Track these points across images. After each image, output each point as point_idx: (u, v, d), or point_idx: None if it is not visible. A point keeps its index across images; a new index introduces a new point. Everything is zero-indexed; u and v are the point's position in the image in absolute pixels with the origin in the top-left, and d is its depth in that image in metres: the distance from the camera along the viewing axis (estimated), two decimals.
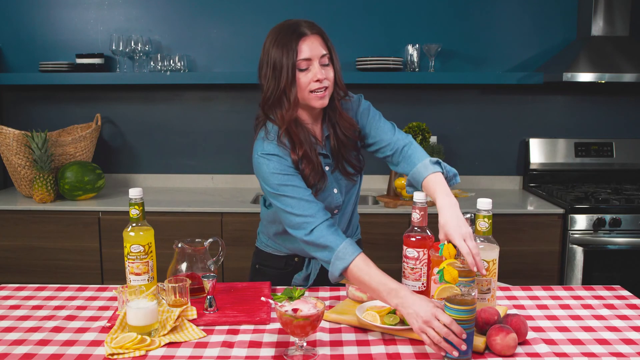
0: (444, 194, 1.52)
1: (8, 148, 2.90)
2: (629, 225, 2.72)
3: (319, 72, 1.55)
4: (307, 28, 1.56)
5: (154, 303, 1.37)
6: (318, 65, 1.55)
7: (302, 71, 1.55)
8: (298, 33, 1.55)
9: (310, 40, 1.55)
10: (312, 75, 1.55)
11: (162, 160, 3.36)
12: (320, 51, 1.56)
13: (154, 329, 1.37)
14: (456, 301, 1.24)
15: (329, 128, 1.68)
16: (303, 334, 1.28)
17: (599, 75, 2.84)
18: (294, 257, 1.80)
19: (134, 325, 1.36)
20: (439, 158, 1.83)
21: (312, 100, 1.58)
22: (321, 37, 1.58)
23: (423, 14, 3.21)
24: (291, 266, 1.80)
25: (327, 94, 1.59)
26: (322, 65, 1.57)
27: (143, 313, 1.35)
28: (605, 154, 3.25)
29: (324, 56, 1.56)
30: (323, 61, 1.57)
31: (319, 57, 1.55)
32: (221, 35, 3.25)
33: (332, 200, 1.70)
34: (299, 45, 1.54)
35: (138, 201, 1.57)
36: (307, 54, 1.54)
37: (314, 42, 1.55)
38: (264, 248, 1.85)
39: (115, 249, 2.76)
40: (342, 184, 1.72)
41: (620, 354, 1.31)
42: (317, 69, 1.55)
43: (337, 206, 1.72)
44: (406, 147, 1.66)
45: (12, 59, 3.28)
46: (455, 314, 1.23)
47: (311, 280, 1.77)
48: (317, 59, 1.55)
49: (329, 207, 1.69)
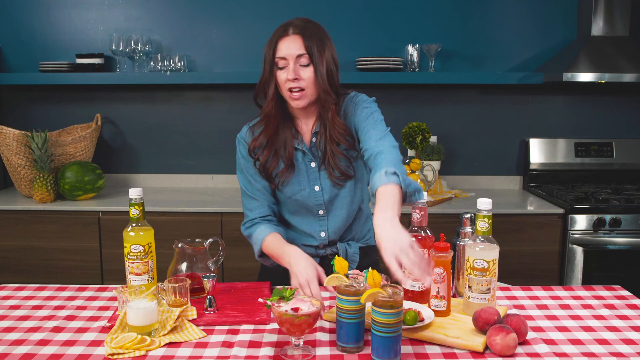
0: (381, 210, 1.36)
1: (8, 148, 2.90)
2: (629, 225, 2.72)
3: (292, 71, 1.59)
4: (291, 27, 1.61)
5: (153, 303, 1.37)
6: (293, 65, 1.59)
7: (280, 69, 1.62)
8: (281, 32, 1.62)
9: (288, 40, 1.60)
10: (287, 74, 1.60)
11: (162, 160, 3.36)
12: (295, 51, 1.59)
13: (154, 329, 1.37)
14: (380, 303, 1.23)
15: (320, 126, 1.70)
16: (301, 333, 1.28)
17: (599, 75, 2.84)
18: None
19: (134, 325, 1.35)
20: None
21: (289, 99, 1.64)
22: (303, 38, 1.60)
23: (423, 14, 3.21)
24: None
25: (304, 96, 1.62)
26: (301, 65, 1.60)
27: (143, 313, 1.35)
28: (605, 154, 3.25)
29: (300, 56, 1.60)
30: (300, 61, 1.60)
31: (294, 57, 1.59)
32: (221, 35, 3.25)
33: (312, 198, 1.72)
34: (278, 44, 1.61)
35: (138, 201, 1.57)
36: (282, 52, 1.60)
37: (292, 42, 1.60)
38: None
39: (115, 249, 2.76)
40: (327, 184, 1.72)
41: (620, 354, 1.30)
42: (291, 69, 1.59)
43: (317, 205, 1.73)
44: (380, 154, 1.53)
45: (12, 59, 3.28)
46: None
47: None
48: (292, 58, 1.60)
49: (309, 204, 1.73)
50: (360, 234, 1.86)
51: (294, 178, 1.72)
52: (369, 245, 1.89)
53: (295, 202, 1.74)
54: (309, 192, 1.72)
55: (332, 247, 1.80)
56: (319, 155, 1.72)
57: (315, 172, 1.73)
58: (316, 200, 1.73)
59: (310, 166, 1.73)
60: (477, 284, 1.44)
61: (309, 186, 1.72)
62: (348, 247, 1.81)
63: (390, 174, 1.43)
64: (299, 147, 1.72)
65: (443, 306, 1.46)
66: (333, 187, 1.73)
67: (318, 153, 1.72)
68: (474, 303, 1.45)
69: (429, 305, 1.48)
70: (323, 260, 1.81)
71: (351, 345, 1.31)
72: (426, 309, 1.45)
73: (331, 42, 1.67)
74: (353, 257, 1.81)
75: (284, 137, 1.70)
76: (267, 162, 1.70)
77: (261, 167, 1.72)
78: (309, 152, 1.72)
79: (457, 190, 3.16)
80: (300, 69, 1.60)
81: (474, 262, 1.44)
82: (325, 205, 1.74)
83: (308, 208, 1.75)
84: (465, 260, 1.47)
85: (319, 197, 1.73)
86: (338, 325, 1.33)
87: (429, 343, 1.35)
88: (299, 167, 1.72)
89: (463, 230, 1.60)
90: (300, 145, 1.72)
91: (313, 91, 1.63)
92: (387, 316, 1.23)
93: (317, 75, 1.61)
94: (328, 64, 1.62)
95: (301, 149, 1.72)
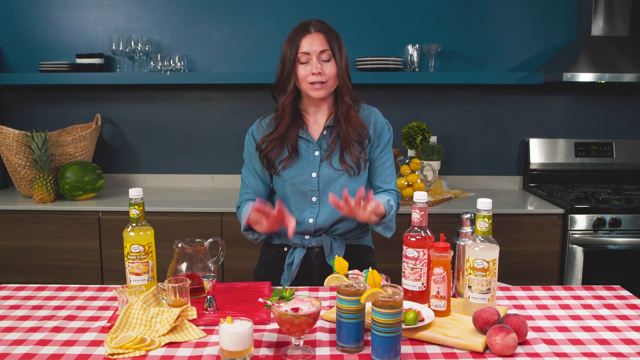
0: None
1: (8, 148, 2.90)
2: (629, 225, 2.72)
3: (315, 66, 1.72)
4: (313, 26, 1.76)
5: (247, 327, 1.26)
6: (316, 60, 1.73)
7: (302, 64, 1.75)
8: (303, 30, 1.76)
9: (311, 37, 1.74)
10: (310, 69, 1.73)
11: (162, 160, 3.36)
12: (319, 47, 1.73)
13: (249, 354, 1.28)
14: (380, 303, 1.23)
15: (335, 120, 1.81)
16: (301, 333, 1.28)
17: (599, 75, 2.84)
18: (284, 247, 1.89)
19: (227, 350, 1.25)
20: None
21: (310, 91, 1.76)
22: (325, 35, 1.74)
23: (423, 14, 3.21)
24: (281, 254, 1.89)
25: (325, 87, 1.75)
26: (322, 60, 1.74)
27: (238, 338, 1.25)
28: (605, 154, 3.25)
29: (323, 52, 1.73)
30: (323, 57, 1.74)
31: (318, 52, 1.73)
32: (221, 35, 3.25)
33: (308, 184, 1.81)
34: (301, 41, 1.74)
35: (138, 201, 1.57)
36: (306, 48, 1.74)
37: (315, 39, 1.74)
38: (265, 237, 1.93)
39: (115, 249, 2.76)
40: (325, 173, 1.80)
41: (620, 354, 1.30)
42: (315, 63, 1.73)
43: (311, 190, 1.81)
44: (390, 192, 1.88)
45: (12, 59, 3.28)
46: (381, 317, 1.23)
47: (294, 266, 1.83)
48: (315, 54, 1.73)
49: (304, 189, 1.81)
50: (350, 233, 1.89)
51: (296, 163, 1.81)
52: (361, 245, 1.92)
53: (292, 186, 1.83)
54: (305, 178, 1.80)
55: (318, 238, 1.84)
56: (325, 146, 1.81)
57: (316, 161, 1.81)
58: (311, 187, 1.81)
59: (313, 154, 1.82)
60: (477, 284, 1.44)
61: (307, 172, 1.80)
62: (333, 241, 1.85)
63: (386, 202, 1.77)
64: (304, 136, 1.82)
65: (443, 306, 1.46)
66: (330, 177, 1.80)
67: (325, 145, 1.82)
68: (474, 303, 1.45)
69: (429, 305, 1.48)
70: (309, 252, 1.86)
71: (351, 345, 1.31)
72: (426, 309, 1.45)
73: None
74: (337, 251, 1.85)
75: (290, 128, 1.81)
76: (272, 150, 1.81)
77: (263, 156, 1.82)
78: (315, 143, 1.81)
79: (457, 190, 3.16)
80: (323, 64, 1.74)
81: (474, 262, 1.44)
82: (319, 192, 1.81)
83: (302, 193, 1.82)
84: (465, 260, 1.47)
85: (314, 183, 1.80)
86: (338, 325, 1.33)
87: (429, 343, 1.35)
88: (302, 154, 1.82)
89: (463, 230, 1.60)
90: (304, 135, 1.82)
91: (333, 84, 1.78)
92: (387, 316, 1.23)
93: (338, 70, 1.75)
94: (345, 60, 1.79)
95: (305, 137, 1.82)
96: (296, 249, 1.86)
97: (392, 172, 1.89)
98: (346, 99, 1.80)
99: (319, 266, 1.86)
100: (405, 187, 2.84)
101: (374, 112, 1.88)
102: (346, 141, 1.79)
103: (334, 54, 1.74)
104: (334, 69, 1.75)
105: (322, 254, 1.85)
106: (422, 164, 2.94)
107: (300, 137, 1.82)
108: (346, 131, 1.78)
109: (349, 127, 1.79)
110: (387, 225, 1.80)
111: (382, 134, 1.86)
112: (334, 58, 1.75)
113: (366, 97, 1.83)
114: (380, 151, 1.86)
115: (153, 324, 1.41)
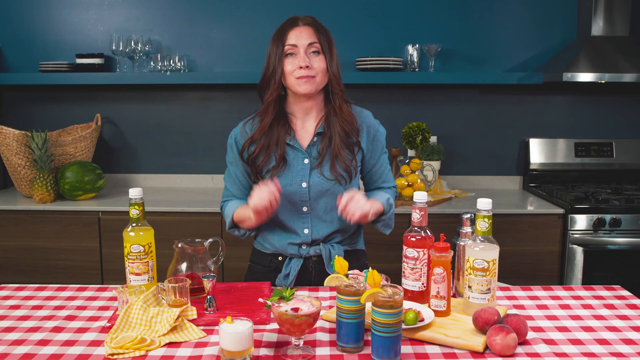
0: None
1: (8, 148, 2.90)
2: (629, 225, 2.72)
3: (303, 59, 1.64)
4: (301, 20, 1.69)
5: (247, 327, 1.27)
6: (304, 52, 1.65)
7: (288, 57, 1.67)
8: (290, 23, 1.69)
9: (299, 30, 1.67)
10: (298, 62, 1.64)
11: (162, 160, 3.37)
12: (307, 40, 1.66)
13: (249, 354, 1.28)
14: (379, 303, 1.23)
15: (325, 126, 1.74)
16: (301, 333, 1.28)
17: (599, 75, 2.84)
18: (278, 256, 1.83)
19: (228, 350, 1.25)
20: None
21: (297, 86, 1.67)
22: (313, 29, 1.67)
23: (423, 14, 3.21)
24: (274, 264, 1.84)
25: (313, 82, 1.66)
26: (311, 53, 1.66)
27: (238, 338, 1.24)
28: (605, 154, 3.25)
29: (311, 44, 1.66)
30: (311, 49, 1.66)
31: (306, 45, 1.66)
32: (221, 35, 3.25)
33: (298, 194, 1.74)
34: (288, 33, 1.67)
35: (138, 201, 1.57)
36: (293, 40, 1.66)
37: (304, 31, 1.67)
38: (255, 245, 1.91)
39: (115, 249, 2.76)
40: (316, 182, 1.74)
41: (620, 354, 1.30)
42: (302, 56, 1.65)
43: (302, 201, 1.75)
44: (390, 189, 1.88)
45: (12, 59, 3.28)
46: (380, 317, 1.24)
47: (291, 277, 1.79)
48: (303, 47, 1.65)
49: (294, 199, 1.75)
50: (348, 239, 1.85)
51: (285, 173, 1.74)
52: (356, 249, 1.89)
53: (281, 196, 1.74)
54: (295, 188, 1.74)
55: (316, 247, 1.80)
56: (315, 154, 1.74)
57: (306, 169, 1.74)
58: (301, 197, 1.75)
59: (302, 162, 1.75)
60: (477, 284, 1.44)
61: (296, 182, 1.74)
62: (332, 248, 1.80)
63: (385, 200, 1.78)
64: (291, 143, 1.74)
65: (443, 306, 1.46)
66: (321, 187, 1.74)
67: (315, 152, 1.74)
68: (474, 303, 1.45)
69: (429, 305, 1.48)
70: (306, 262, 1.81)
71: (351, 345, 1.31)
72: (426, 309, 1.45)
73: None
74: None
75: (277, 133, 1.73)
76: (258, 158, 1.74)
77: (251, 162, 1.75)
78: (304, 151, 1.74)
79: (457, 190, 3.16)
80: (311, 58, 1.66)
81: (474, 262, 1.44)
82: (310, 203, 1.76)
83: (292, 203, 1.76)
84: (465, 260, 1.47)
85: (305, 194, 1.74)
86: (338, 325, 1.33)
87: (429, 343, 1.35)
88: (290, 163, 1.75)
89: (463, 230, 1.59)
90: (292, 142, 1.74)
91: (322, 80, 1.69)
92: (387, 316, 1.23)
93: (327, 64, 1.67)
94: (336, 58, 1.71)
95: (293, 145, 1.74)
96: (292, 259, 1.80)
97: (389, 169, 1.89)
98: (339, 98, 1.71)
99: (316, 275, 1.81)
100: (405, 187, 2.84)
101: (364, 115, 1.80)
102: (337, 147, 1.71)
103: (322, 48, 1.66)
104: (323, 64, 1.66)
105: (320, 262, 1.81)
106: (422, 164, 2.94)
107: (288, 145, 1.74)
108: (338, 130, 1.71)
109: (340, 121, 1.71)
110: (386, 222, 1.79)
111: (377, 137, 1.80)
112: (323, 53, 1.66)
113: (366, 97, 1.82)
114: (378, 154, 1.82)
115: (153, 324, 1.41)
